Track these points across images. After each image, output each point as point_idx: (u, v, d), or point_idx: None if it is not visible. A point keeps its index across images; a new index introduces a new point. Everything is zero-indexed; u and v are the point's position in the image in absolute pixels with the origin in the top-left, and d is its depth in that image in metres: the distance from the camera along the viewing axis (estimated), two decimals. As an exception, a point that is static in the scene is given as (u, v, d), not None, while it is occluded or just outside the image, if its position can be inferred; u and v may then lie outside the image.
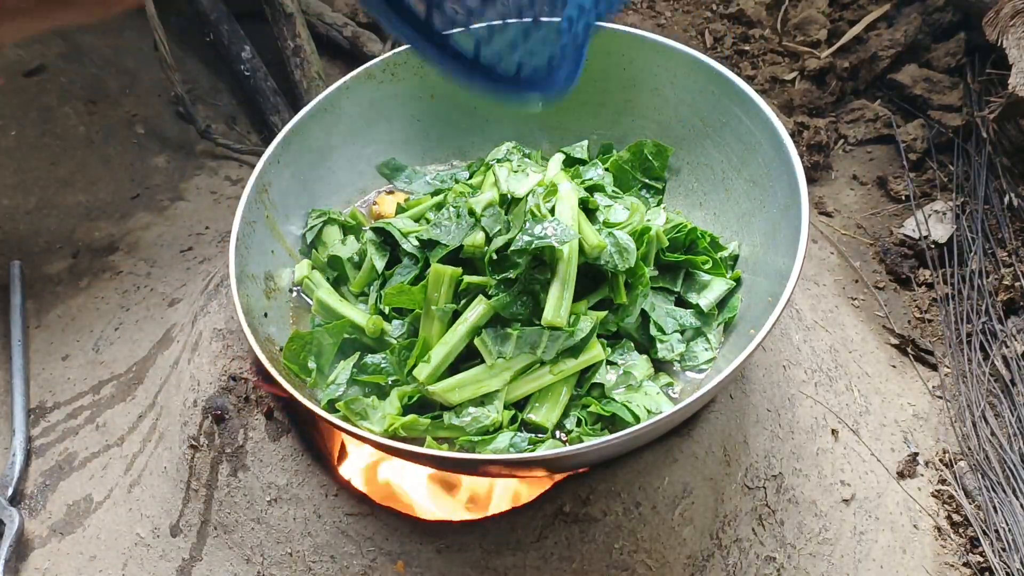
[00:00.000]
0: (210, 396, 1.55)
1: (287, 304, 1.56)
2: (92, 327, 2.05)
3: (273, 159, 1.55)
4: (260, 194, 1.53)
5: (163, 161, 2.48)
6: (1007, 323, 1.93)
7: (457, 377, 1.36)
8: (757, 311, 1.41)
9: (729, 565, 1.46)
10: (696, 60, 1.59)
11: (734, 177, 1.59)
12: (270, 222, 1.55)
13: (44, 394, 1.93)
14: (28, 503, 1.75)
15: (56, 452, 1.81)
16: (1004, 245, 2.07)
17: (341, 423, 1.26)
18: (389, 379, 1.41)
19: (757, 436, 1.52)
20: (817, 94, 2.49)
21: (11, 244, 2.24)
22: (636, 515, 1.38)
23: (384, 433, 1.33)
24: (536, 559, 1.37)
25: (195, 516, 1.53)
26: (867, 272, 2.14)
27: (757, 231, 1.53)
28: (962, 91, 2.38)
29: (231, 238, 1.44)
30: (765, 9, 2.72)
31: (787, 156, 1.43)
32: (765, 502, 1.52)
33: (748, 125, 1.53)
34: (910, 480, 1.74)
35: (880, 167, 2.38)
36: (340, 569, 1.41)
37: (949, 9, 2.49)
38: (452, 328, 1.38)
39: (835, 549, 1.58)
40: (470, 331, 1.37)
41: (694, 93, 1.62)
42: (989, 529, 1.66)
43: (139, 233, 2.29)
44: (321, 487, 1.45)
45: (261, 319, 1.47)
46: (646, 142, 1.65)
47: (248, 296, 1.44)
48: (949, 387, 1.91)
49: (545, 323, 1.32)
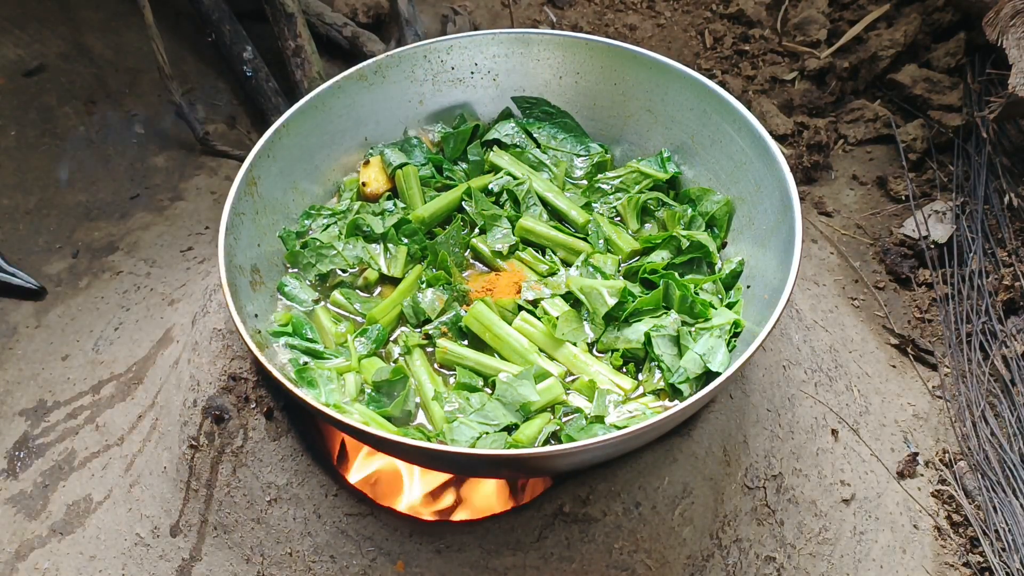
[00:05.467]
0: (210, 396, 1.55)
1: (271, 299, 1.56)
2: (92, 327, 2.05)
3: (264, 152, 1.56)
4: (249, 186, 1.53)
5: (163, 161, 2.48)
6: (1007, 323, 1.93)
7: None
8: (757, 311, 1.41)
9: (729, 565, 1.46)
10: (687, 77, 1.61)
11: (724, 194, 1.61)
12: (257, 216, 1.55)
13: (44, 394, 1.93)
14: (28, 503, 1.75)
15: (56, 452, 1.81)
16: (1004, 245, 2.07)
17: (335, 414, 1.26)
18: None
19: (757, 436, 1.52)
20: (817, 94, 2.49)
21: (11, 244, 2.24)
22: (636, 515, 1.38)
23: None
24: (536, 559, 1.37)
25: (195, 516, 1.54)
26: (867, 272, 2.15)
27: (744, 252, 1.54)
28: (962, 91, 2.38)
29: (220, 227, 1.44)
30: (765, 9, 2.72)
31: (779, 173, 1.45)
32: (765, 502, 1.52)
33: (740, 143, 1.54)
34: (910, 480, 1.74)
35: (880, 167, 2.38)
36: (340, 569, 1.41)
37: (949, 9, 2.49)
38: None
39: (835, 549, 1.58)
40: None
41: (684, 110, 1.63)
42: (989, 529, 1.66)
43: (139, 233, 2.29)
44: (321, 487, 1.45)
45: (250, 316, 1.46)
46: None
47: (237, 288, 1.43)
48: (949, 387, 1.91)
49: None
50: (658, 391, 1.40)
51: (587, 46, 1.70)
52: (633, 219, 1.63)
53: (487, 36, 1.74)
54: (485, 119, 1.80)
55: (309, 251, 1.58)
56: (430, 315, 1.51)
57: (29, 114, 2.48)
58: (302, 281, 1.58)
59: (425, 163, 1.73)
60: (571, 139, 1.76)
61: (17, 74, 2.55)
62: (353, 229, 1.61)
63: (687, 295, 1.44)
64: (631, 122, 1.72)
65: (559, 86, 1.75)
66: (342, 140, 1.71)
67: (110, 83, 2.60)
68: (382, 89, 1.72)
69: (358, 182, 1.70)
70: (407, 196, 1.67)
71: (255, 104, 2.56)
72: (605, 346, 1.46)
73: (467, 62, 1.75)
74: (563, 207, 1.65)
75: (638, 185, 1.67)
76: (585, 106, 1.75)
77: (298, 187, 1.65)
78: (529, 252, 1.60)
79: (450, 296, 1.52)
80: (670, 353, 1.41)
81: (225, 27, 2.58)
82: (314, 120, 1.65)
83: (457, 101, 1.78)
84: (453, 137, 1.76)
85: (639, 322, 1.45)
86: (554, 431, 1.35)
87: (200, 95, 2.62)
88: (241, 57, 2.55)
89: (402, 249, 1.60)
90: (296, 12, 2.49)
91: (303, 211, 1.65)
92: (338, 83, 1.66)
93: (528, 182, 1.67)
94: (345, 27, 2.69)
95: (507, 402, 1.36)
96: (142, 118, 2.56)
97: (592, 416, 1.36)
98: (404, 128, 1.76)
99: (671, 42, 2.71)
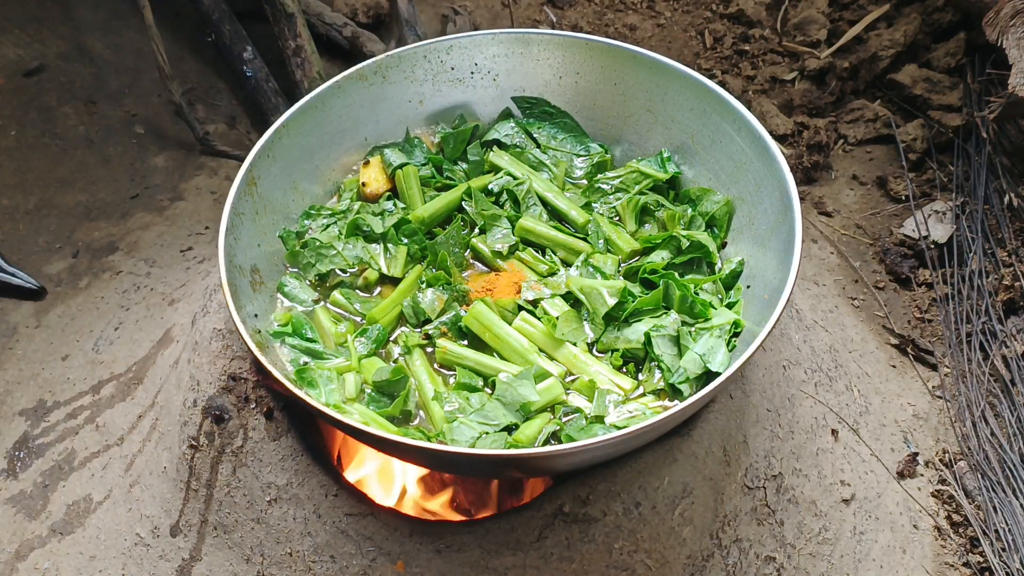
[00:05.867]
0: (210, 396, 1.55)
1: (271, 299, 1.56)
2: (92, 327, 2.05)
3: (264, 152, 1.56)
4: (249, 186, 1.53)
5: (163, 161, 2.48)
6: (1007, 323, 1.93)
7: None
8: (757, 311, 1.41)
9: (729, 565, 1.46)
10: (687, 77, 1.61)
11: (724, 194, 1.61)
12: (257, 216, 1.56)
13: (44, 394, 1.93)
14: (28, 503, 1.75)
15: (56, 452, 1.81)
16: (1004, 245, 2.07)
17: (335, 414, 1.26)
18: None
19: (757, 436, 1.52)
20: (817, 94, 2.49)
21: (11, 244, 2.24)
22: (636, 515, 1.38)
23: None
24: (536, 559, 1.37)
25: (195, 516, 1.54)
26: (867, 272, 2.15)
27: (744, 252, 1.54)
28: (962, 91, 2.38)
29: (220, 227, 1.44)
30: (765, 9, 2.72)
31: (779, 173, 1.45)
32: (765, 502, 1.52)
33: (740, 143, 1.54)
34: (910, 480, 1.74)
35: (880, 167, 2.38)
36: (340, 569, 1.41)
37: (949, 9, 2.49)
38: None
39: (835, 549, 1.58)
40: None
41: (684, 110, 1.63)
42: (989, 529, 1.66)
43: (139, 233, 2.29)
44: (321, 487, 1.45)
45: (250, 316, 1.46)
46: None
47: (237, 288, 1.43)
48: (949, 387, 1.91)
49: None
50: (658, 391, 1.40)
51: (587, 46, 1.70)
52: (632, 220, 1.63)
53: (487, 36, 1.74)
54: (485, 119, 1.80)
55: (309, 251, 1.58)
56: (430, 315, 1.51)
57: (29, 114, 2.48)
58: (302, 281, 1.58)
59: (425, 163, 1.73)
60: (571, 139, 1.76)
61: (17, 74, 2.55)
62: (353, 229, 1.61)
63: (687, 295, 1.44)
64: (631, 122, 1.72)
65: (559, 86, 1.75)
66: (342, 140, 1.71)
67: (110, 83, 2.61)
68: (382, 89, 1.72)
69: (358, 182, 1.70)
70: (407, 196, 1.67)
71: (255, 104, 2.56)
72: (605, 346, 1.46)
73: (467, 62, 1.75)
74: (563, 207, 1.65)
75: (638, 185, 1.67)
76: (585, 106, 1.75)
77: (298, 187, 1.65)
78: (529, 252, 1.60)
79: (450, 296, 1.52)
80: (670, 353, 1.41)
81: (225, 27, 2.58)
82: (314, 120, 1.65)
83: (457, 101, 1.78)
84: (453, 137, 1.76)
85: (639, 322, 1.45)
86: (554, 431, 1.35)
87: (200, 95, 2.62)
88: (241, 57, 2.55)
89: (402, 249, 1.60)
90: (296, 12, 2.49)
91: (303, 211, 1.65)
92: (338, 83, 1.66)
93: (528, 182, 1.67)
94: (345, 27, 2.69)
95: (507, 402, 1.36)
96: (142, 118, 2.56)
97: (592, 416, 1.36)
98: (404, 128, 1.76)
99: (671, 42, 2.71)
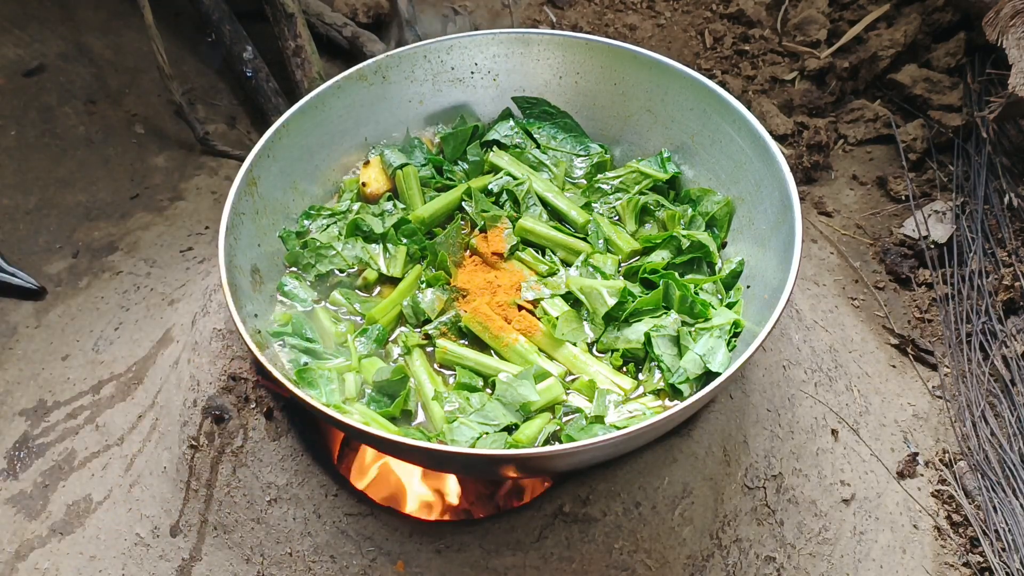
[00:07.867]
0: (210, 396, 1.55)
1: (271, 299, 1.56)
2: (92, 327, 2.05)
3: (264, 152, 1.56)
4: (249, 186, 1.53)
5: (163, 161, 2.48)
6: (1007, 323, 1.93)
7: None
8: (757, 311, 1.41)
9: (729, 565, 1.46)
10: (687, 77, 1.61)
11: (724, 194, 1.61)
12: (257, 216, 1.56)
13: (44, 394, 1.93)
14: (28, 503, 1.75)
15: (56, 452, 1.81)
16: (1004, 245, 2.07)
17: (335, 414, 1.26)
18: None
19: (757, 436, 1.52)
20: (817, 94, 2.49)
21: (11, 244, 2.24)
22: (636, 515, 1.38)
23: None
24: (536, 559, 1.37)
25: (195, 516, 1.54)
26: (867, 272, 2.15)
27: (744, 252, 1.54)
28: (962, 91, 2.38)
29: (220, 227, 1.44)
30: (765, 9, 2.72)
31: (779, 173, 1.45)
32: (765, 502, 1.52)
33: (740, 143, 1.54)
34: (910, 480, 1.74)
35: (880, 167, 2.38)
36: (340, 569, 1.41)
37: (949, 9, 2.49)
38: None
39: (835, 549, 1.58)
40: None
41: (684, 110, 1.63)
42: (989, 529, 1.66)
43: (139, 233, 2.29)
44: (321, 487, 1.45)
45: (250, 316, 1.46)
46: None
47: (237, 288, 1.43)
48: (949, 387, 1.91)
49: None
50: (658, 391, 1.40)
51: (587, 46, 1.70)
52: (632, 220, 1.63)
53: (487, 36, 1.74)
54: (485, 119, 1.80)
55: (309, 251, 1.58)
56: (430, 315, 1.51)
57: (29, 114, 2.48)
58: (302, 281, 1.57)
59: (425, 163, 1.73)
60: (571, 139, 1.76)
61: (17, 74, 2.55)
62: (353, 229, 1.61)
63: (687, 295, 1.44)
64: (631, 122, 1.72)
65: (559, 86, 1.75)
66: (342, 140, 1.71)
67: (110, 83, 2.61)
68: (382, 89, 1.72)
69: (358, 182, 1.70)
70: (407, 196, 1.67)
71: (255, 104, 2.56)
72: (605, 346, 1.46)
73: (467, 62, 1.75)
74: (563, 207, 1.65)
75: (638, 185, 1.67)
76: (585, 106, 1.75)
77: (298, 187, 1.65)
78: (529, 252, 1.60)
79: (450, 296, 1.52)
80: (670, 353, 1.41)
81: (225, 27, 2.58)
82: (314, 120, 1.65)
83: (457, 101, 1.78)
84: (453, 137, 1.76)
85: (639, 322, 1.45)
86: (554, 431, 1.35)
87: (200, 95, 2.62)
88: (241, 57, 2.55)
89: (401, 249, 1.60)
90: (296, 12, 2.49)
91: (303, 211, 1.65)
92: (338, 83, 1.66)
93: (528, 182, 1.67)
94: (345, 27, 2.69)
95: (507, 402, 1.36)
96: (142, 118, 2.56)
97: (592, 416, 1.36)
98: (404, 128, 1.76)
99: (671, 42, 2.70)
